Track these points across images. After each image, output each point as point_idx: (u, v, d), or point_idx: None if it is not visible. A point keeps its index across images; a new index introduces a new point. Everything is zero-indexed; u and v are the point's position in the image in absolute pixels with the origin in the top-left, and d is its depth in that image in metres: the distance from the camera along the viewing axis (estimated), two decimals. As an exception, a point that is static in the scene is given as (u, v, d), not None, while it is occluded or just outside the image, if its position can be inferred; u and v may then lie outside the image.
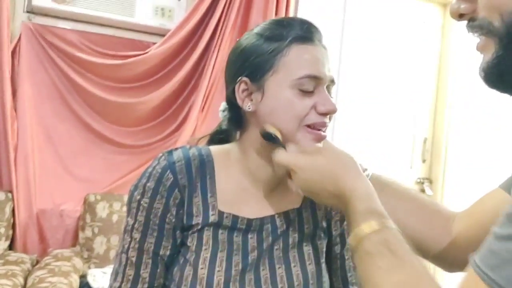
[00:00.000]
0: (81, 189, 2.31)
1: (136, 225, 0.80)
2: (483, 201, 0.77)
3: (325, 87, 0.78)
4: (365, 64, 2.90)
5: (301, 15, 2.62)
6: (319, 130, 0.77)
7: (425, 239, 0.77)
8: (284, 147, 0.76)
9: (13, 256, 2.05)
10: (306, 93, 0.76)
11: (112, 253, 2.20)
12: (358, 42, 2.84)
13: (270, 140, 0.77)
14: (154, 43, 2.42)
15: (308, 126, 0.76)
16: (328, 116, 0.78)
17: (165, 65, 2.41)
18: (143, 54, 2.36)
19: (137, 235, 0.80)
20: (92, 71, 2.32)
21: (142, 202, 0.79)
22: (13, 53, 2.23)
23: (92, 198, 2.25)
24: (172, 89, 2.41)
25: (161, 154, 0.82)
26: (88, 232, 2.21)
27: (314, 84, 0.76)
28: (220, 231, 0.79)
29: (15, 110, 2.21)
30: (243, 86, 0.79)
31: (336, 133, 2.72)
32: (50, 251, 2.18)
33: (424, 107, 3.08)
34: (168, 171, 0.79)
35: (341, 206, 0.69)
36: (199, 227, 0.79)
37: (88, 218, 2.22)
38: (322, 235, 0.86)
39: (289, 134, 0.76)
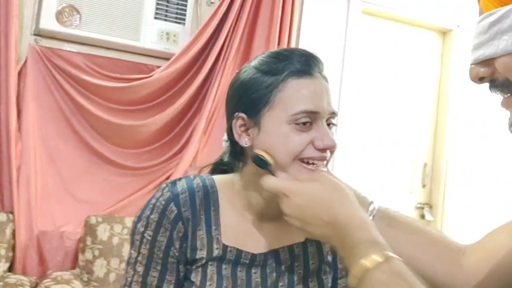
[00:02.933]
0: (82, 211, 2.30)
1: (139, 258, 0.79)
2: (496, 233, 0.77)
3: (324, 121, 0.75)
4: (365, 91, 2.94)
5: (303, 40, 2.67)
6: (315, 164, 0.75)
7: (436, 273, 0.76)
8: (273, 173, 0.73)
9: (12, 278, 2.03)
10: (304, 128, 0.73)
11: (112, 276, 2.18)
12: (358, 69, 2.88)
13: (260, 165, 0.74)
14: (159, 67, 2.45)
15: (303, 160, 0.74)
16: (328, 152, 0.76)
17: (169, 89, 2.44)
18: (148, 77, 2.39)
19: (140, 268, 0.79)
20: (96, 93, 2.35)
21: (145, 234, 0.78)
22: (19, 74, 2.25)
23: (93, 220, 2.24)
24: (175, 112, 2.44)
25: (164, 185, 0.80)
26: (88, 255, 2.19)
27: (312, 118, 0.74)
28: (224, 266, 0.78)
29: (19, 131, 2.22)
30: (240, 121, 0.78)
31: (337, 158, 2.74)
32: (49, 273, 2.15)
33: (424, 132, 3.11)
34: (172, 203, 0.77)
35: (334, 237, 0.66)
36: (204, 261, 0.77)
37: (88, 240, 2.21)
38: (328, 269, 0.85)
39: (282, 167, 0.74)
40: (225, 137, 0.87)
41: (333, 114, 0.77)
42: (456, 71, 3.05)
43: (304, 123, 0.73)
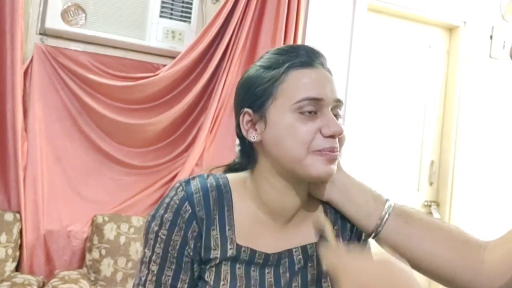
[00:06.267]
0: (89, 210, 2.30)
1: (153, 257, 0.78)
2: None
3: (329, 109, 0.75)
4: (371, 88, 2.93)
5: (309, 37, 2.66)
6: (332, 153, 0.75)
7: (456, 268, 0.75)
8: (328, 239, 0.72)
9: (19, 278, 2.03)
10: (309, 117, 0.74)
11: (119, 276, 2.18)
12: (364, 67, 2.86)
13: (321, 231, 0.74)
14: (164, 65, 2.44)
15: (316, 152, 0.74)
16: (336, 140, 0.76)
17: (174, 87, 2.43)
18: (153, 76, 2.38)
19: (154, 268, 0.78)
20: (102, 92, 2.34)
21: (160, 233, 0.77)
22: (25, 74, 2.25)
23: (99, 220, 2.24)
24: (181, 111, 2.43)
25: (178, 184, 0.80)
26: (95, 254, 2.19)
27: (316, 107, 0.74)
28: (238, 266, 0.77)
29: (26, 131, 2.22)
30: (246, 117, 0.79)
31: (344, 156, 2.73)
32: (56, 272, 2.15)
33: (431, 130, 3.09)
34: (186, 203, 0.77)
35: None
36: (217, 261, 0.77)
37: (95, 239, 2.20)
38: None
39: (298, 161, 0.74)
40: (237, 141, 0.87)
41: (338, 101, 0.77)
42: (462, 68, 3.03)
43: (309, 112, 0.74)
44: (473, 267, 0.74)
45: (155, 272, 0.78)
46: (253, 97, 0.78)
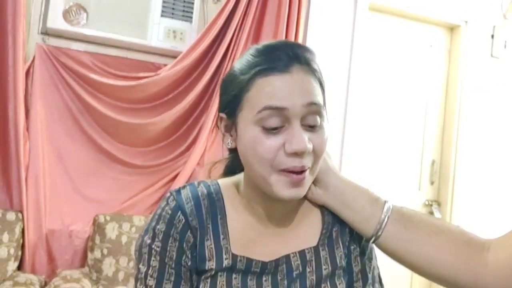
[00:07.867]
0: (91, 209, 2.30)
1: (150, 272, 0.74)
2: None
3: (298, 120, 0.68)
4: (373, 87, 2.93)
5: (310, 36, 2.66)
6: (296, 173, 0.69)
7: (458, 272, 0.73)
8: None
9: (22, 277, 2.03)
10: (272, 131, 0.67)
11: (121, 275, 2.18)
12: (366, 66, 2.87)
13: None
14: (166, 65, 2.44)
15: (284, 170, 0.68)
16: (307, 157, 0.68)
17: (176, 87, 2.43)
18: (155, 75, 2.39)
19: (152, 282, 0.74)
20: (104, 92, 2.34)
21: (153, 246, 0.74)
22: (27, 74, 2.25)
23: (101, 219, 2.24)
24: (182, 110, 2.43)
25: (169, 194, 0.77)
26: (97, 253, 2.19)
27: (281, 118, 0.67)
28: (234, 276, 0.74)
29: (28, 130, 2.23)
30: (223, 122, 0.75)
31: (345, 155, 2.73)
32: (58, 272, 2.16)
33: (432, 129, 3.09)
34: (179, 212, 0.74)
35: None
36: (213, 272, 0.74)
37: (97, 239, 2.21)
38: (342, 273, 0.80)
39: (263, 178, 0.70)
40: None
41: (313, 105, 0.68)
42: (464, 67, 3.03)
43: (273, 128, 0.67)
44: (476, 270, 0.72)
45: (153, 286, 0.74)
46: (225, 102, 0.74)
